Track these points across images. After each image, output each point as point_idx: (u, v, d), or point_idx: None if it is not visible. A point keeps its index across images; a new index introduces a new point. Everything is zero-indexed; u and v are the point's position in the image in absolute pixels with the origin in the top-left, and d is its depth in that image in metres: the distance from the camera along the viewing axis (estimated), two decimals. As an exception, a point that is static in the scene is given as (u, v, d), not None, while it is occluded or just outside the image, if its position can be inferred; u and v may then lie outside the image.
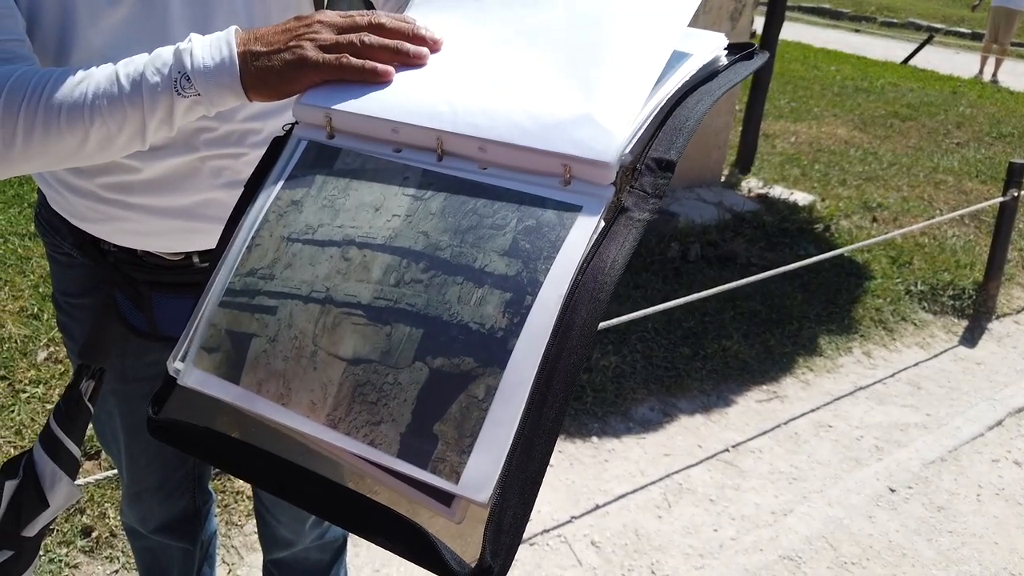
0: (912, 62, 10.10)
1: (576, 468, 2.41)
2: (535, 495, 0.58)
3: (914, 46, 10.71)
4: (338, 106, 0.72)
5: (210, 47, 0.75)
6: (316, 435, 0.64)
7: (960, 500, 2.44)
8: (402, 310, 0.63)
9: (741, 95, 5.41)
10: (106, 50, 0.85)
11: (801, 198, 4.57)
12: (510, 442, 0.57)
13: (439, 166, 0.68)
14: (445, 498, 0.60)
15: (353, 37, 0.74)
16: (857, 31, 14.29)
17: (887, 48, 11.58)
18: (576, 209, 0.63)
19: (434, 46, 0.76)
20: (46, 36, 0.85)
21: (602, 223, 0.62)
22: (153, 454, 1.25)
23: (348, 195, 0.70)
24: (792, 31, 11.59)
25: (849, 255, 3.88)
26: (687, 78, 0.70)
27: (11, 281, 2.87)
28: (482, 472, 0.57)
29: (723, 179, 4.67)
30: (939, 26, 14.57)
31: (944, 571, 2.15)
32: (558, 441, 2.50)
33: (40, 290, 2.82)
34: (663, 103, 0.67)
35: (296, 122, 0.76)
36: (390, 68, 0.73)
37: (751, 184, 4.71)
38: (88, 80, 0.76)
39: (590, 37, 0.72)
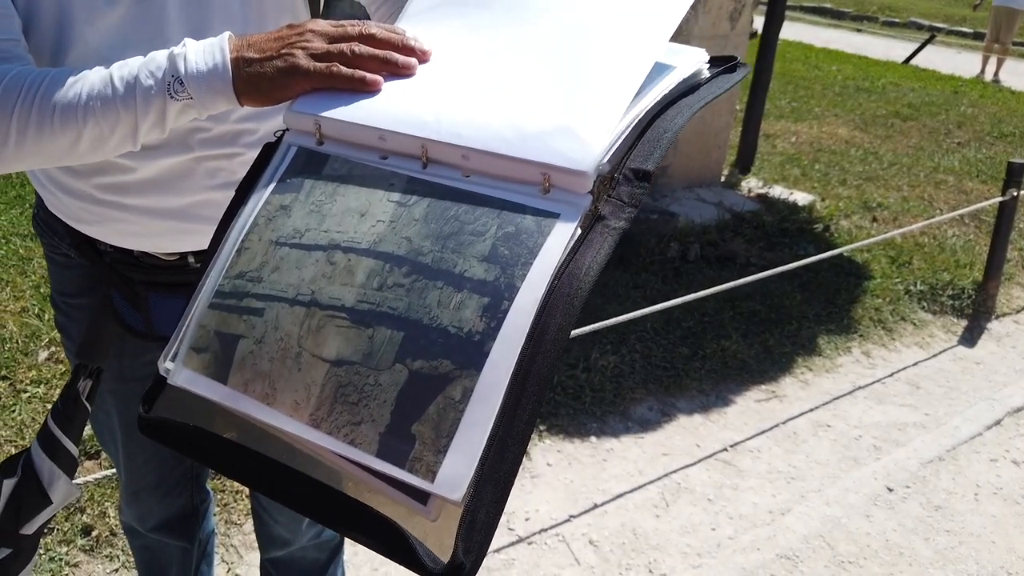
0: (913, 62, 10.10)
1: (575, 467, 2.42)
2: (507, 495, 0.59)
3: (916, 46, 10.70)
4: (327, 113, 0.74)
5: (204, 52, 0.76)
6: (299, 434, 0.65)
7: (958, 499, 2.44)
8: (384, 313, 0.65)
9: (741, 95, 5.41)
10: (103, 50, 0.86)
11: (801, 198, 4.57)
12: (484, 443, 0.59)
13: (424, 173, 0.70)
14: (422, 496, 0.61)
15: (344, 47, 0.76)
16: (859, 31, 14.28)
17: (888, 48, 11.57)
18: (554, 217, 0.64)
19: (423, 57, 0.78)
20: (43, 35, 0.86)
21: (579, 231, 0.64)
22: (150, 453, 1.26)
23: (335, 200, 0.71)
24: (794, 31, 11.59)
25: (849, 255, 3.89)
26: (666, 92, 0.72)
27: (12, 281, 2.88)
28: (457, 471, 0.59)
29: (723, 179, 4.67)
30: (941, 26, 14.56)
31: (941, 570, 2.15)
32: (557, 441, 2.51)
33: (41, 290, 2.83)
34: (641, 115, 0.69)
35: (287, 129, 0.78)
36: (379, 78, 0.75)
37: (751, 184, 4.71)
38: (82, 81, 0.77)
39: (574, 51, 0.74)
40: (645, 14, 0.75)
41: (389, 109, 0.73)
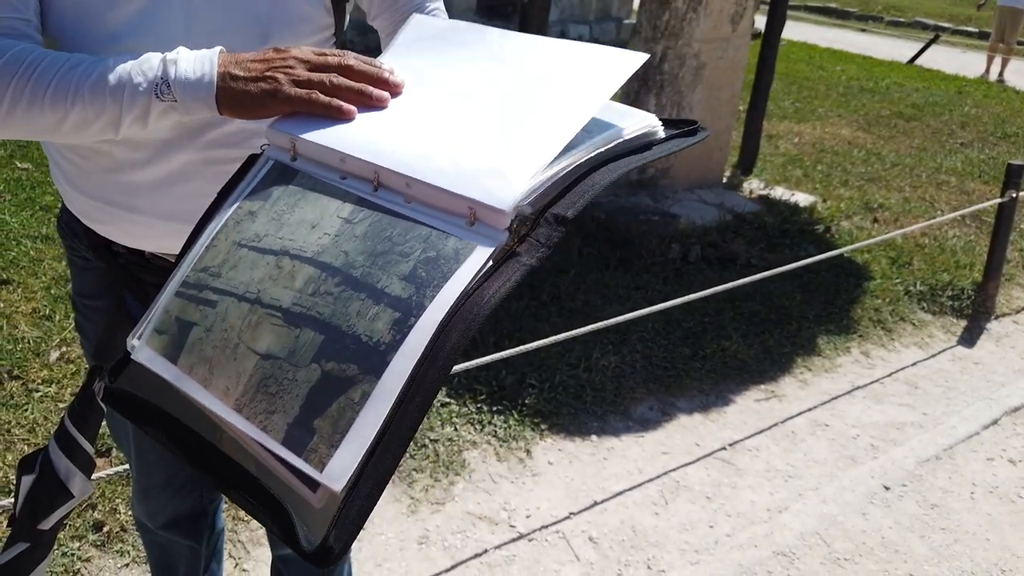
0: (918, 62, 10.11)
1: (575, 466, 2.46)
2: (381, 491, 0.66)
3: (920, 45, 10.70)
4: (302, 134, 0.82)
5: (194, 62, 0.84)
6: (224, 416, 0.73)
7: (954, 498, 2.47)
8: (312, 317, 0.72)
9: (744, 96, 5.44)
10: (121, 36, 0.93)
11: (802, 199, 4.60)
12: (370, 442, 0.65)
13: (373, 196, 0.77)
14: (313, 484, 0.68)
15: (324, 76, 0.83)
16: (863, 30, 14.28)
17: (893, 47, 11.58)
18: (471, 247, 0.71)
19: (395, 90, 0.85)
20: (62, 14, 0.92)
21: (491, 263, 0.70)
22: (161, 452, 1.30)
23: (294, 211, 0.79)
24: (798, 31, 11.60)
25: (849, 256, 3.92)
26: (603, 150, 0.77)
27: (24, 283, 2.93)
28: (343, 465, 0.66)
29: (725, 180, 4.70)
30: (946, 25, 14.54)
31: (936, 567, 2.19)
32: (558, 439, 2.55)
33: (52, 292, 2.88)
34: (571, 167, 0.75)
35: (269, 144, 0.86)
36: (353, 108, 0.82)
37: (753, 185, 4.74)
38: (78, 68, 0.84)
39: (525, 98, 0.81)
40: (594, 71, 0.82)
41: (355, 136, 0.80)
